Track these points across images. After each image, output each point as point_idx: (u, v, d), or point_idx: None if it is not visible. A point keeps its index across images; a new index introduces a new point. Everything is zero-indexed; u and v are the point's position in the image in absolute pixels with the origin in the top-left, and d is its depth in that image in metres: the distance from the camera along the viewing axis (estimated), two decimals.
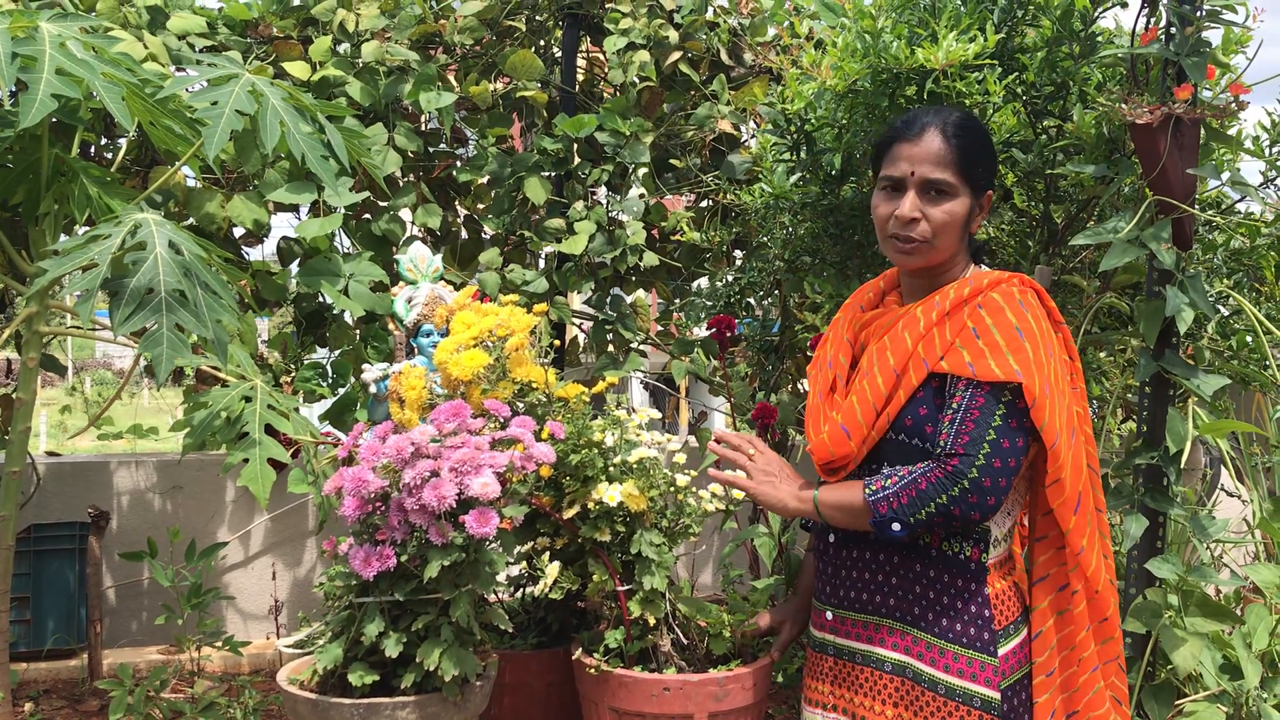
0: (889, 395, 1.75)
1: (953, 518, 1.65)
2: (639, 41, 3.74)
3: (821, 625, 1.89)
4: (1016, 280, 1.76)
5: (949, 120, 1.76)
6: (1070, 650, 1.76)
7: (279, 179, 3.35)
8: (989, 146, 1.80)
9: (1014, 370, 1.64)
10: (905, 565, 1.76)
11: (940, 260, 1.79)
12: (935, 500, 1.64)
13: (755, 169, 3.57)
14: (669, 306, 4.22)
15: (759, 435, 2.65)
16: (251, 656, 3.76)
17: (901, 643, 1.75)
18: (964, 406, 1.67)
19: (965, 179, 1.75)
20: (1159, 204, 2.14)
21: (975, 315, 1.71)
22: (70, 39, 2.35)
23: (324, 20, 3.67)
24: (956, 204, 1.75)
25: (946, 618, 1.72)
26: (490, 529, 1.83)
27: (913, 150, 1.75)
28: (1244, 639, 2.27)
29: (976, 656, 1.70)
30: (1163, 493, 2.22)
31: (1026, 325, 1.68)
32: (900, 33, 2.43)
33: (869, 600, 1.80)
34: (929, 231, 1.75)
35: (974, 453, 1.63)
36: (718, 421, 7.42)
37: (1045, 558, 1.78)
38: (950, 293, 1.75)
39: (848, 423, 1.78)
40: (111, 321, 2.08)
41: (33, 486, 3.69)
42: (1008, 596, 1.75)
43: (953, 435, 1.66)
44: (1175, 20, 2.13)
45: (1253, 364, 2.55)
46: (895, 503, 1.67)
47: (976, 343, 1.68)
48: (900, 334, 1.77)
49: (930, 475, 1.66)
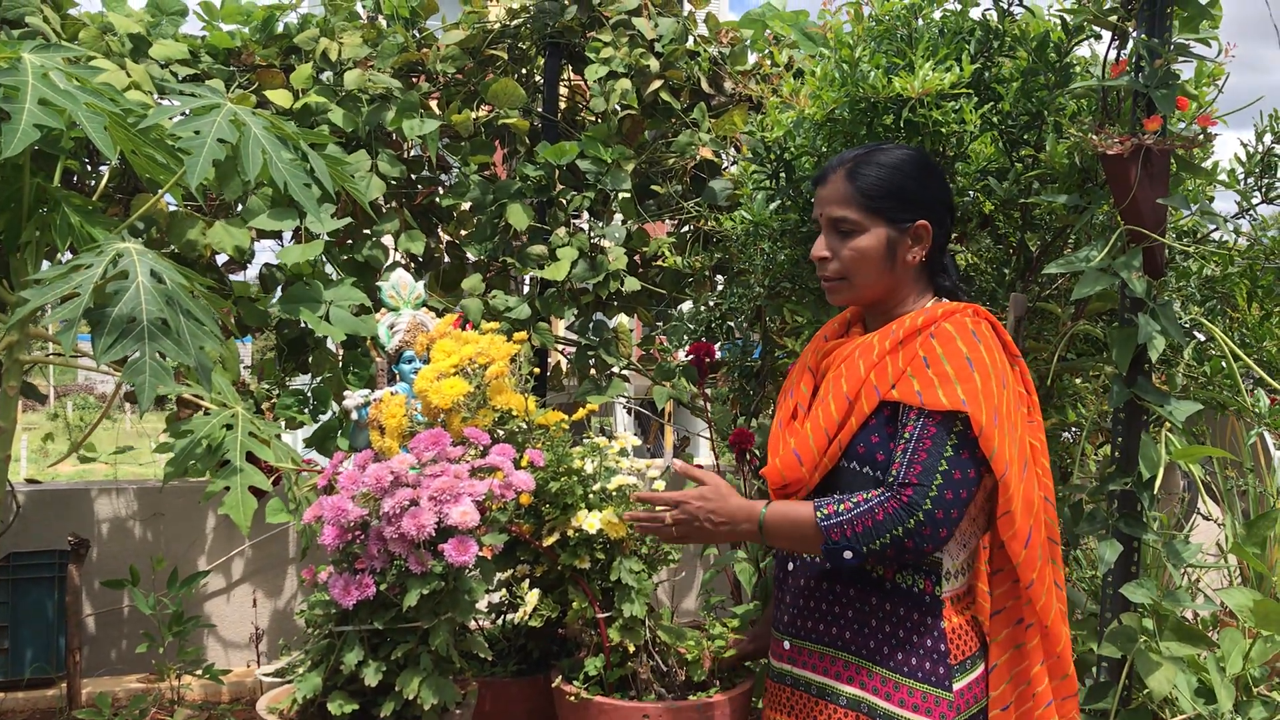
0: (841, 422, 1.77)
1: (905, 550, 1.65)
2: (620, 70, 3.78)
3: (780, 655, 1.89)
4: (970, 311, 1.78)
5: (852, 159, 1.82)
6: (1026, 685, 1.77)
7: (261, 205, 3.36)
8: (908, 177, 1.80)
9: (960, 400, 1.65)
10: (861, 598, 1.76)
11: (877, 295, 1.83)
12: (891, 532, 1.64)
13: (736, 194, 3.60)
14: (651, 332, 4.24)
15: (737, 460, 2.66)
16: (232, 685, 3.75)
17: (857, 677, 1.75)
18: (916, 436, 1.68)
19: (870, 213, 1.78)
20: (1130, 233, 2.17)
21: (926, 344, 1.72)
22: (53, 69, 2.36)
23: (307, 49, 3.69)
24: (866, 238, 1.79)
25: (902, 652, 1.72)
26: (469, 558, 1.84)
27: (821, 193, 1.84)
28: (1218, 663, 2.29)
29: (931, 691, 1.70)
30: (1137, 518, 2.24)
31: (977, 355, 1.70)
32: (878, 62, 2.46)
33: (825, 631, 1.81)
34: (840, 269, 1.81)
35: (927, 483, 1.64)
36: (701, 446, 7.43)
37: (1002, 590, 1.79)
38: (906, 322, 1.78)
39: (800, 449, 1.80)
40: (94, 349, 2.08)
41: (12, 515, 3.68)
42: (964, 630, 1.75)
43: (905, 465, 1.66)
44: (1144, 53, 2.16)
45: (1226, 390, 2.58)
46: (849, 530, 1.66)
47: (926, 372, 1.69)
48: (855, 361, 1.79)
49: (887, 505, 1.65)
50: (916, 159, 1.83)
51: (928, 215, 1.81)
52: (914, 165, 1.82)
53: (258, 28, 3.76)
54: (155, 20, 3.58)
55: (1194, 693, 2.27)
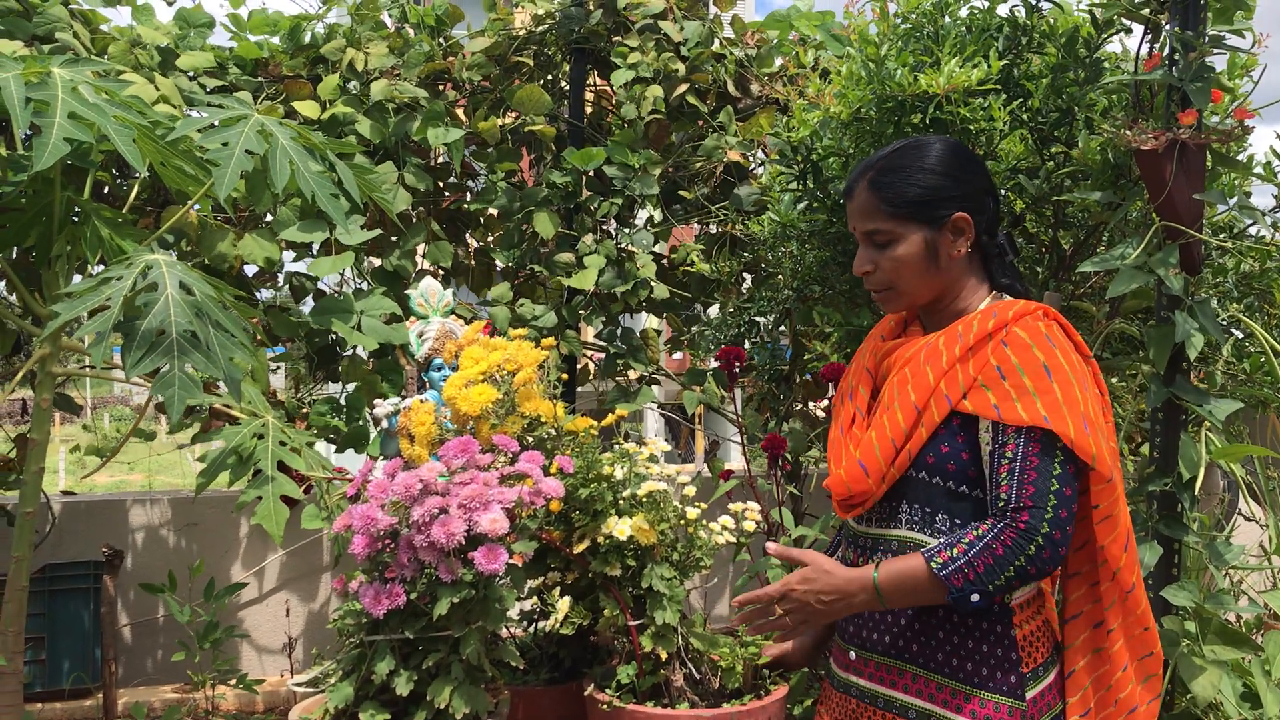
0: (909, 432, 1.69)
1: (1029, 577, 1.58)
2: (647, 75, 3.77)
3: (845, 665, 1.83)
4: (1041, 312, 1.70)
5: (874, 168, 1.76)
6: (1107, 690, 1.71)
7: (292, 217, 3.38)
8: (934, 174, 1.73)
9: (1041, 415, 1.58)
10: (929, 609, 1.70)
11: (930, 296, 1.77)
12: (1014, 564, 1.57)
13: (764, 199, 3.58)
14: (680, 336, 4.23)
15: (769, 466, 2.64)
16: (266, 694, 3.76)
17: (926, 689, 1.70)
18: (1020, 455, 1.60)
19: (901, 220, 1.72)
20: (1166, 229, 2.13)
21: (999, 352, 1.65)
22: (82, 83, 2.38)
23: (333, 59, 3.70)
24: (904, 246, 1.73)
25: (971, 662, 1.67)
26: (499, 565, 1.83)
27: (850, 207, 1.80)
28: (1263, 667, 2.24)
29: (1004, 701, 1.65)
30: (1177, 519, 2.20)
31: (1055, 362, 1.62)
32: (904, 60, 2.44)
33: (891, 644, 1.75)
34: (884, 280, 1.76)
35: (1042, 504, 1.57)
36: (732, 451, 7.40)
37: (1079, 594, 1.73)
38: (975, 325, 1.69)
39: (866, 459, 1.72)
40: (123, 363, 2.09)
41: (48, 526, 3.71)
42: (1036, 637, 1.70)
43: (1015, 487, 1.59)
44: (1178, 46, 2.13)
45: (1266, 387, 2.53)
46: (971, 573, 1.58)
47: (1002, 384, 1.62)
48: (922, 367, 1.71)
49: (1003, 537, 1.58)
50: (942, 151, 1.75)
51: (965, 206, 1.72)
52: (940, 159, 1.74)
53: (285, 38, 3.78)
54: (183, 33, 3.61)
55: (1239, 697, 2.23)
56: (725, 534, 2.27)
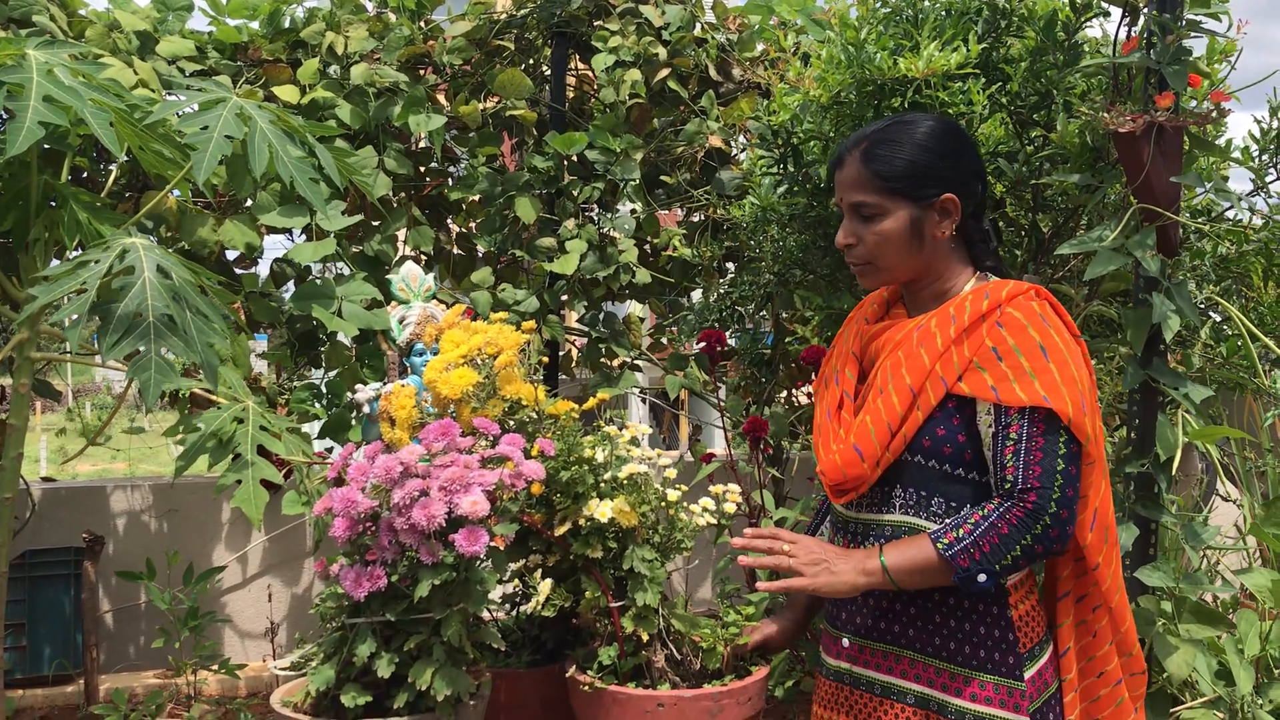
0: (905, 414, 1.68)
1: (1036, 556, 1.59)
2: (628, 59, 3.76)
3: (838, 653, 1.82)
4: (1034, 291, 1.70)
5: (868, 139, 1.73)
6: (1089, 661, 1.74)
7: (272, 202, 3.36)
8: (927, 152, 1.71)
9: (1040, 395, 1.58)
10: (925, 593, 1.69)
11: (909, 275, 1.76)
12: (1020, 543, 1.57)
13: (746, 184, 3.58)
14: (663, 322, 4.23)
15: (751, 449, 2.65)
16: (248, 679, 3.76)
17: (924, 674, 1.69)
18: (1025, 435, 1.60)
19: (890, 194, 1.70)
20: (1143, 212, 2.14)
21: (995, 333, 1.64)
22: (58, 65, 2.35)
23: (313, 43, 3.68)
24: (889, 221, 1.71)
25: (969, 645, 1.67)
26: (480, 548, 1.83)
27: (839, 177, 1.77)
28: (1236, 645, 2.27)
29: (1004, 682, 1.65)
30: (1154, 500, 2.22)
31: (1050, 341, 1.63)
32: (884, 44, 2.44)
33: (887, 629, 1.74)
34: (866, 254, 1.74)
35: (1050, 484, 1.57)
36: (715, 435, 7.41)
37: (1067, 572, 1.74)
38: (967, 306, 1.69)
39: (861, 443, 1.70)
40: (99, 346, 2.08)
41: (28, 512, 3.69)
42: (1030, 617, 1.70)
43: (1021, 468, 1.59)
44: (1156, 29, 2.14)
45: (1243, 370, 2.56)
46: (976, 553, 1.58)
47: (999, 365, 1.62)
48: (915, 349, 1.70)
49: (1010, 516, 1.58)
50: (937, 130, 1.73)
51: (953, 188, 1.71)
52: (934, 137, 1.72)
53: (264, 22, 3.75)
54: (161, 16, 3.59)
55: (1214, 675, 2.25)
56: (706, 516, 2.28)
